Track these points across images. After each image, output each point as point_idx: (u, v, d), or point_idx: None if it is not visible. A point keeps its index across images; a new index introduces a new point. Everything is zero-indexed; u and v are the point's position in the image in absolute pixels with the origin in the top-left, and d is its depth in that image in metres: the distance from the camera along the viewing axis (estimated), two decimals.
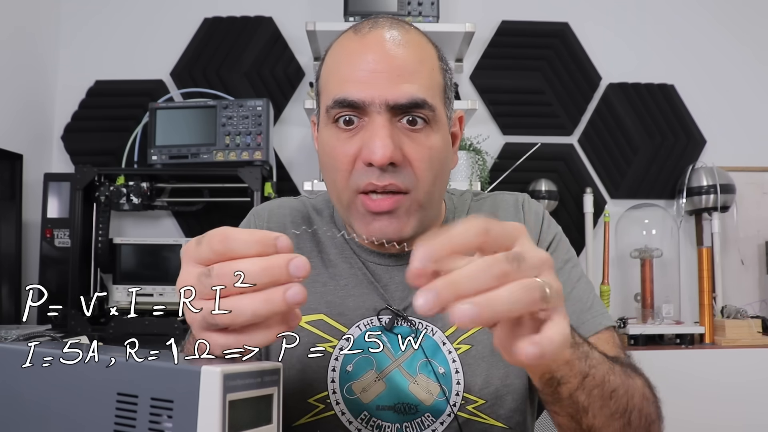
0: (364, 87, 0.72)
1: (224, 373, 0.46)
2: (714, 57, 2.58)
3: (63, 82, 2.46)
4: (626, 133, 2.51)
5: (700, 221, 2.49)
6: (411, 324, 0.81)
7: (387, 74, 0.72)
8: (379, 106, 0.72)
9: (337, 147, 0.75)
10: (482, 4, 2.54)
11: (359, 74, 0.73)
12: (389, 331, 0.81)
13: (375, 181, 0.72)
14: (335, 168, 0.76)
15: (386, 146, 0.71)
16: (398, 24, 0.78)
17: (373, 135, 0.72)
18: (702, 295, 2.25)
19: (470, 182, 2.18)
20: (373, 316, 0.82)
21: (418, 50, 0.76)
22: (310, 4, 2.51)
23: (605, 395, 0.62)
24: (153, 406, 0.48)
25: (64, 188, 2.14)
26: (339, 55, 0.78)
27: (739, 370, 2.09)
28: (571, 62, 2.52)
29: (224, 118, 2.13)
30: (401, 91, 0.72)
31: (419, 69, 0.74)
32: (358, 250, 0.85)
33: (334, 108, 0.74)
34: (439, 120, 0.76)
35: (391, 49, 0.74)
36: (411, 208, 0.75)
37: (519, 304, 0.42)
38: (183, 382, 0.47)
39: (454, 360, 0.80)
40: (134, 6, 2.50)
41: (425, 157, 0.74)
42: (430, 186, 0.76)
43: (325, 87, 0.78)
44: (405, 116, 0.74)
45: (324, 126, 0.78)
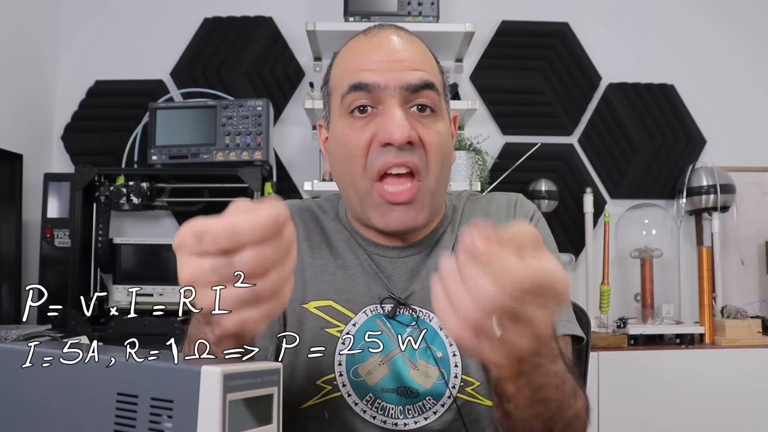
0: (379, 73, 0.79)
1: (224, 373, 0.46)
2: (714, 57, 2.58)
3: (63, 82, 2.46)
4: (626, 133, 2.51)
5: (700, 221, 2.49)
6: (412, 312, 0.85)
7: (398, 63, 0.80)
8: (393, 90, 0.79)
9: (352, 134, 0.80)
10: (482, 4, 2.54)
11: (373, 64, 0.80)
12: (392, 318, 0.84)
13: (392, 159, 0.78)
14: (351, 155, 0.80)
15: (404, 125, 0.77)
16: (402, 28, 0.87)
17: (391, 117, 0.77)
18: (702, 295, 2.25)
19: (470, 182, 2.18)
20: (377, 304, 0.85)
21: (422, 49, 0.85)
22: (310, 4, 2.51)
23: (536, 399, 0.61)
24: (153, 406, 0.48)
25: (64, 188, 2.14)
26: (350, 53, 0.85)
27: (739, 370, 2.08)
28: (571, 62, 2.52)
29: (224, 118, 2.13)
30: (413, 75, 0.79)
31: (425, 61, 0.83)
32: (363, 242, 0.89)
33: (349, 94, 0.80)
34: (442, 110, 0.84)
35: (399, 44, 0.82)
36: (425, 198, 0.81)
37: None
38: (183, 382, 0.47)
39: (451, 344, 0.84)
40: (134, 6, 2.50)
41: (435, 140, 0.81)
42: (439, 171, 0.82)
43: (339, 82, 0.83)
44: (415, 102, 0.80)
45: (338, 119, 0.83)
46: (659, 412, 2.04)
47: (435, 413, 0.82)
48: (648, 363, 2.09)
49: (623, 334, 2.16)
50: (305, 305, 0.86)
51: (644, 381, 2.06)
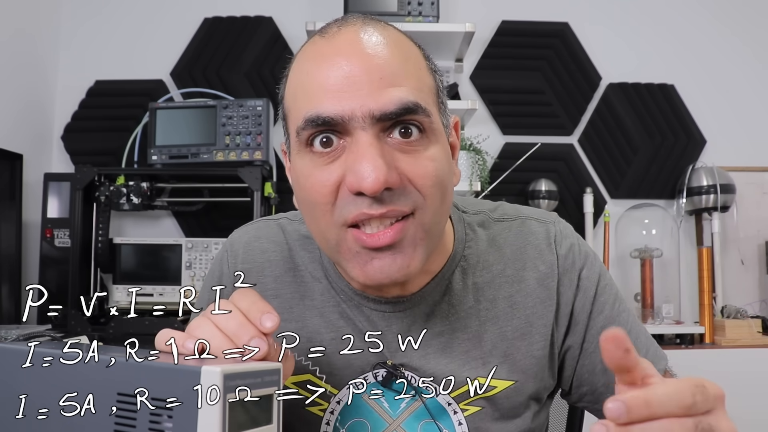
0: (341, 98, 0.58)
1: (224, 373, 0.46)
2: (714, 57, 2.58)
3: (63, 82, 2.46)
4: (626, 133, 2.51)
5: (700, 221, 2.49)
6: (411, 380, 0.70)
7: (366, 78, 0.59)
8: (362, 120, 0.58)
9: (314, 175, 0.61)
10: (482, 4, 2.54)
11: (332, 82, 0.59)
12: (386, 387, 0.70)
13: (368, 210, 0.59)
14: (314, 202, 0.61)
15: (378, 168, 0.57)
16: (372, 21, 0.64)
17: (359, 156, 0.58)
18: (702, 295, 2.25)
19: (470, 182, 2.18)
20: (368, 373, 0.71)
21: (400, 48, 0.62)
22: (310, 3, 2.51)
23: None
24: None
25: (64, 188, 2.14)
26: (305, 64, 0.63)
27: (739, 370, 2.08)
28: (571, 62, 2.52)
29: (224, 118, 2.13)
30: (387, 97, 0.58)
31: (404, 69, 0.61)
32: (349, 293, 0.72)
33: (306, 129, 0.60)
34: (435, 128, 0.62)
35: (368, 48, 0.60)
36: (417, 236, 0.61)
37: None
38: (183, 382, 0.47)
39: (460, 422, 0.71)
40: (134, 6, 2.50)
41: (428, 172, 0.61)
42: (439, 206, 0.62)
43: (293, 106, 0.63)
44: (396, 128, 0.60)
45: (296, 154, 0.63)
46: None
47: None
48: None
49: None
50: None
51: None
